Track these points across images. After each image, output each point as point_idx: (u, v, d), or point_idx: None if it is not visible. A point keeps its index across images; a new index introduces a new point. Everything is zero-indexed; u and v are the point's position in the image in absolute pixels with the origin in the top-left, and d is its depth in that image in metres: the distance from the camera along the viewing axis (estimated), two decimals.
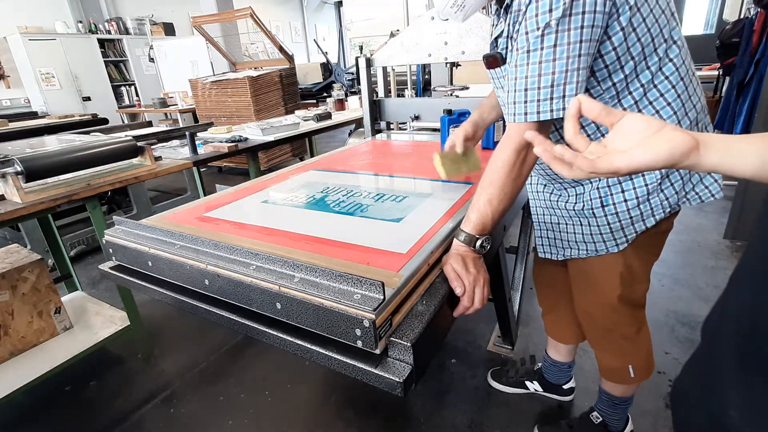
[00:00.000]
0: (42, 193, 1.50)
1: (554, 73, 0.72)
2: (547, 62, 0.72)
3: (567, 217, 1.02)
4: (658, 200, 0.89)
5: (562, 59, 0.71)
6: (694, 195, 0.90)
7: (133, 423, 1.57)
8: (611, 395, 1.24)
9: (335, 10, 12.21)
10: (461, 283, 0.77)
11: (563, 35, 0.69)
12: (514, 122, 0.79)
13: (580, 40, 0.69)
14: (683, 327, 1.86)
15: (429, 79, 4.91)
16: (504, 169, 0.80)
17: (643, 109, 0.82)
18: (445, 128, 1.57)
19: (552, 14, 0.68)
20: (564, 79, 0.72)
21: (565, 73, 0.71)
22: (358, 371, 0.64)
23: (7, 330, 1.62)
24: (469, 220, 0.83)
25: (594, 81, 0.79)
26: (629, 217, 0.92)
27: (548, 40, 0.70)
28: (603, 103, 0.54)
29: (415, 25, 1.82)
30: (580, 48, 0.70)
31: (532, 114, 0.75)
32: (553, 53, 0.71)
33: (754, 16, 3.29)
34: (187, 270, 0.84)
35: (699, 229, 2.76)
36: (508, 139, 0.80)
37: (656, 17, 0.76)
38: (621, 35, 0.74)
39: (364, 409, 1.56)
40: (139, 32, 7.15)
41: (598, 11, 0.69)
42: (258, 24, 4.28)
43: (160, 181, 4.68)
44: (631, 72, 0.79)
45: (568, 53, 0.70)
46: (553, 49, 0.70)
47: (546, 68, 0.72)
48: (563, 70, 0.71)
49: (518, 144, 0.78)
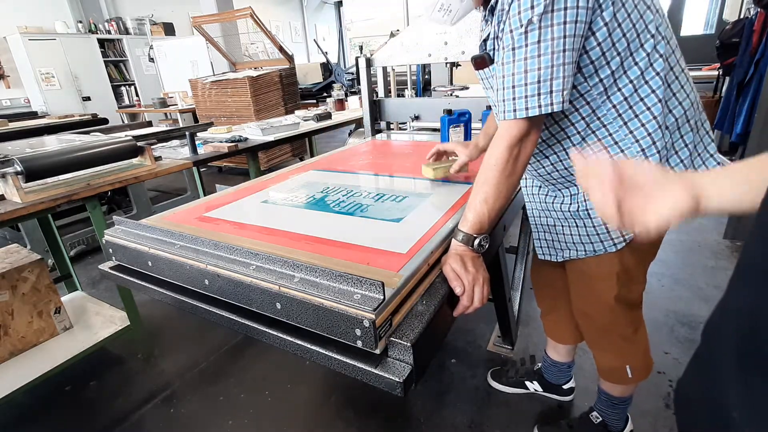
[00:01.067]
0: (42, 193, 1.50)
1: (540, 68, 0.72)
2: (532, 58, 0.72)
3: (563, 219, 1.02)
4: None
5: (546, 54, 0.71)
6: None
7: (133, 423, 1.57)
8: (610, 395, 1.24)
9: (335, 10, 12.21)
10: (460, 283, 0.77)
11: (546, 31, 0.70)
12: (504, 120, 0.79)
13: (564, 35, 0.70)
14: (683, 327, 1.86)
15: (429, 79, 4.92)
16: (497, 167, 0.80)
17: (634, 105, 0.82)
18: (445, 128, 1.57)
19: (534, 11, 0.69)
20: (550, 74, 0.72)
21: (551, 68, 0.72)
22: (358, 371, 0.64)
23: (7, 330, 1.62)
24: (466, 220, 0.83)
25: (581, 77, 0.80)
26: None
27: (532, 36, 0.71)
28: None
29: (415, 25, 1.82)
30: (564, 43, 0.70)
31: (521, 110, 0.76)
32: (538, 49, 0.71)
33: (754, 16, 3.29)
34: (187, 270, 0.84)
35: (699, 229, 2.76)
36: (499, 138, 0.80)
37: (641, 13, 0.76)
38: (605, 30, 0.74)
39: (364, 409, 1.56)
40: (139, 32, 7.15)
41: (581, 6, 0.69)
42: (258, 24, 4.28)
43: (160, 181, 4.68)
44: (618, 68, 0.79)
45: (552, 48, 0.71)
46: (537, 45, 0.71)
47: (532, 64, 0.72)
48: (549, 65, 0.72)
49: (510, 141, 0.79)
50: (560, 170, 0.95)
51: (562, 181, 0.97)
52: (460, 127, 1.58)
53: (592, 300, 1.08)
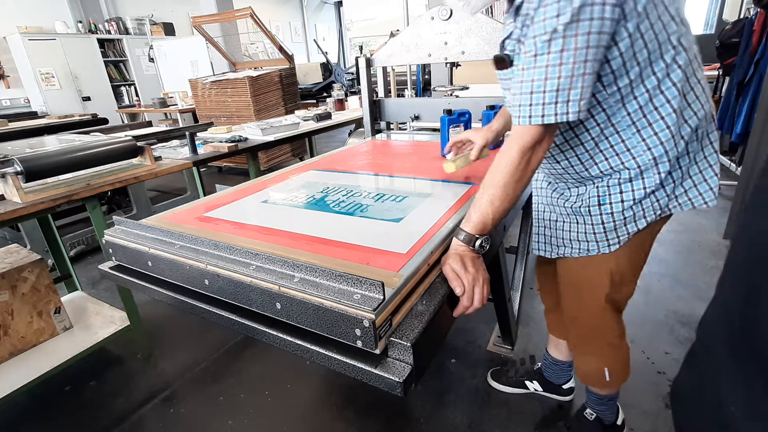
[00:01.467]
0: (42, 193, 1.50)
1: (560, 77, 0.72)
2: (553, 66, 0.72)
3: (564, 215, 1.03)
4: (649, 202, 0.91)
5: (568, 64, 0.71)
6: (686, 200, 0.91)
7: (133, 423, 1.57)
8: (597, 394, 1.27)
9: (335, 10, 12.22)
10: (460, 283, 0.77)
11: (570, 41, 0.69)
12: (519, 124, 0.79)
13: (587, 46, 0.70)
14: (683, 327, 1.86)
15: (429, 79, 4.92)
16: (508, 170, 0.80)
17: (648, 114, 0.83)
18: (445, 128, 1.56)
19: (559, 19, 0.69)
20: (569, 84, 0.72)
21: (571, 78, 0.72)
22: (358, 371, 0.64)
23: (7, 330, 1.62)
24: (469, 220, 0.83)
25: (599, 86, 0.80)
26: (623, 217, 0.93)
27: (555, 45, 0.70)
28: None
29: (415, 25, 1.82)
30: (587, 53, 0.70)
31: (536, 117, 0.76)
32: (560, 58, 0.71)
33: (753, 16, 3.29)
34: (186, 270, 0.84)
35: (699, 229, 2.76)
36: (513, 141, 0.80)
37: (664, 24, 0.76)
38: (628, 41, 0.74)
39: (364, 409, 1.56)
40: (139, 32, 7.15)
41: (606, 17, 0.69)
42: (258, 24, 4.28)
43: (160, 181, 4.68)
44: (637, 77, 0.79)
45: (574, 58, 0.70)
46: (560, 54, 0.71)
47: (552, 72, 0.72)
48: (569, 75, 0.71)
49: (523, 146, 0.79)
50: (572, 173, 0.96)
51: (573, 182, 0.98)
52: (460, 127, 1.57)
53: (582, 301, 1.09)
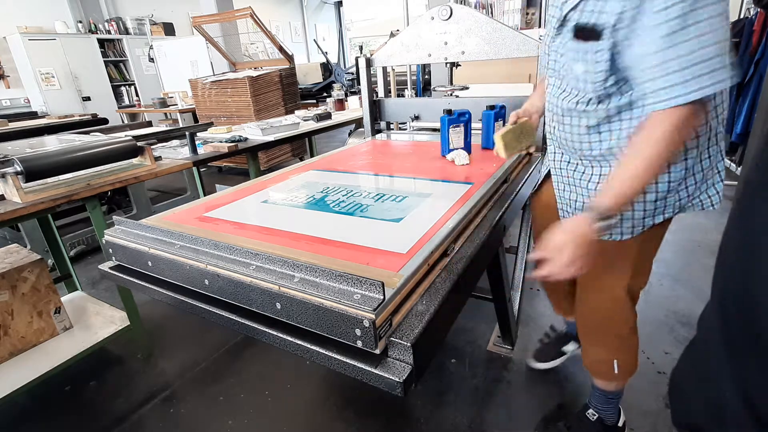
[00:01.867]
0: (42, 193, 1.50)
1: (716, 43, 0.71)
2: (711, 32, 0.71)
3: (586, 195, 1.03)
4: (673, 200, 0.93)
5: (716, 30, 0.71)
6: (698, 201, 0.95)
7: (133, 423, 1.57)
8: (605, 391, 1.27)
9: (335, 10, 12.21)
10: (557, 270, 0.81)
11: (705, 10, 0.70)
12: (670, 107, 0.76)
13: (720, 13, 0.71)
14: (683, 327, 1.86)
15: (429, 79, 4.91)
16: (663, 144, 0.78)
17: None
18: (445, 128, 1.56)
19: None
20: (723, 49, 0.72)
21: (723, 44, 0.72)
22: (358, 371, 0.64)
23: (7, 330, 1.62)
24: (617, 196, 0.81)
25: None
26: (643, 210, 0.95)
27: (697, 15, 0.70)
28: None
29: (415, 25, 1.82)
30: (722, 19, 0.71)
31: (694, 92, 0.73)
32: (709, 25, 0.71)
33: (753, 16, 3.29)
34: (186, 270, 0.84)
35: (699, 229, 2.76)
36: (668, 118, 0.77)
37: None
38: None
39: (364, 409, 1.56)
40: (139, 32, 7.15)
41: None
42: (258, 24, 4.28)
43: (160, 181, 4.68)
44: None
45: (719, 23, 0.71)
46: (708, 22, 0.71)
47: (706, 41, 0.71)
48: (719, 40, 0.71)
49: (681, 122, 0.77)
50: (603, 150, 0.95)
51: (600, 159, 0.98)
52: (460, 127, 1.57)
53: (600, 286, 1.09)
